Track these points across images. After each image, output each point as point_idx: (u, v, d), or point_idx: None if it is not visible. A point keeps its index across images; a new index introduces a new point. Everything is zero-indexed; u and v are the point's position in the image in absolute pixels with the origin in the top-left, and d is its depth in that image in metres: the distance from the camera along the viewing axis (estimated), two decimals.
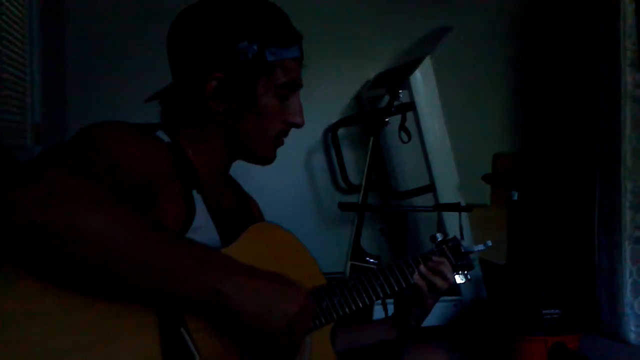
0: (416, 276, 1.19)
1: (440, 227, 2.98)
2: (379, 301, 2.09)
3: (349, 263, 2.58)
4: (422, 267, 1.20)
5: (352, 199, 3.11)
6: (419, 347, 1.19)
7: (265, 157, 1.08)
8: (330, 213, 3.45)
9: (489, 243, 1.33)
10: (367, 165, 2.77)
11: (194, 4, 1.02)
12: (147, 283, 0.79)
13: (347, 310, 1.08)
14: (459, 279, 1.27)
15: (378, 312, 2.20)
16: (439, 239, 1.30)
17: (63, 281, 0.76)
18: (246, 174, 1.25)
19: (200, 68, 0.99)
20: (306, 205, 3.52)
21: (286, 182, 3.35)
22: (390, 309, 2.33)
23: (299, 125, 1.07)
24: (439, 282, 1.19)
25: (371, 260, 2.57)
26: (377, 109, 3.30)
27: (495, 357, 2.51)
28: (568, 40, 3.70)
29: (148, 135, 0.97)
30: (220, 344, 0.88)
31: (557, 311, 2.42)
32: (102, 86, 3.17)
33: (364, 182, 2.76)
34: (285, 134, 1.08)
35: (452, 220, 2.86)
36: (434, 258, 1.22)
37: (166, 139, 1.00)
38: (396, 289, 1.17)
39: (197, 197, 0.97)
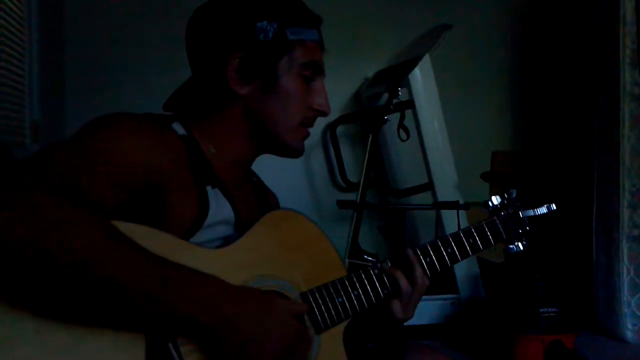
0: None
1: (439, 225, 2.98)
2: None
3: (347, 261, 2.59)
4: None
5: (351, 196, 3.11)
6: (420, 349, 1.15)
7: (291, 145, 1.04)
8: (328, 211, 3.44)
9: (553, 206, 1.21)
10: (365, 163, 2.77)
11: None
12: (124, 311, 0.76)
13: (365, 304, 1.01)
14: (517, 247, 1.17)
15: None
16: (493, 205, 1.15)
17: (36, 305, 0.73)
18: None
19: (221, 51, 0.98)
20: (304, 202, 3.51)
21: (284, 180, 3.32)
22: None
23: (324, 112, 1.04)
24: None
25: (369, 258, 2.58)
26: (376, 106, 3.31)
27: (492, 355, 2.51)
28: (568, 38, 3.70)
29: (160, 127, 0.94)
30: (210, 358, 0.84)
31: (554, 309, 2.43)
32: (101, 83, 3.16)
33: (362, 180, 2.76)
34: (311, 122, 1.05)
35: (450, 218, 2.86)
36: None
37: (181, 131, 0.97)
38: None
39: (212, 193, 0.95)
